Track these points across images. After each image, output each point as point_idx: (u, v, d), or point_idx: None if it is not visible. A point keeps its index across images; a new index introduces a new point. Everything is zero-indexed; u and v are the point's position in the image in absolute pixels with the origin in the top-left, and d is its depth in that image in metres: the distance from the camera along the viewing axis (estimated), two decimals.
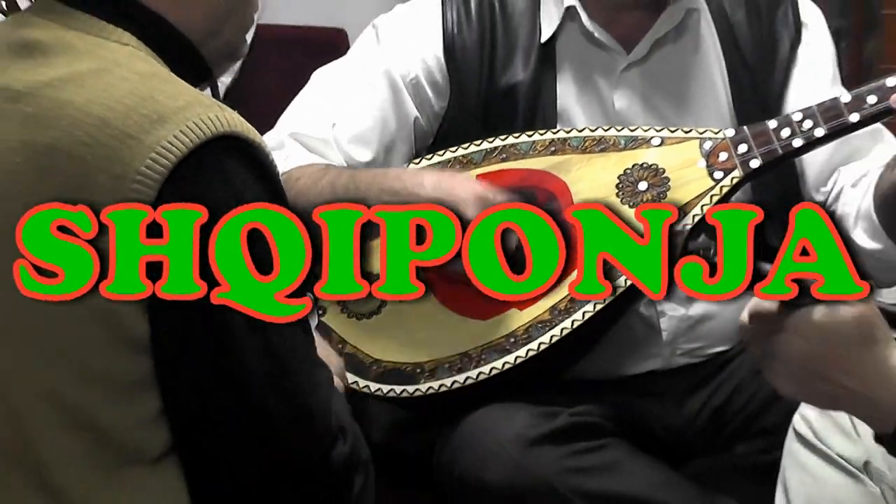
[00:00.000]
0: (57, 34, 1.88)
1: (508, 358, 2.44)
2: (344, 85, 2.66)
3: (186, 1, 1.93)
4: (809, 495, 2.18)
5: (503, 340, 2.46)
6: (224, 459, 1.88)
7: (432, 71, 2.63)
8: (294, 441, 1.88)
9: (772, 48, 2.66)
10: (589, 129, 2.58)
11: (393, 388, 2.47)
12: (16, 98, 1.83)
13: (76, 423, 1.79)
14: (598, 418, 2.50)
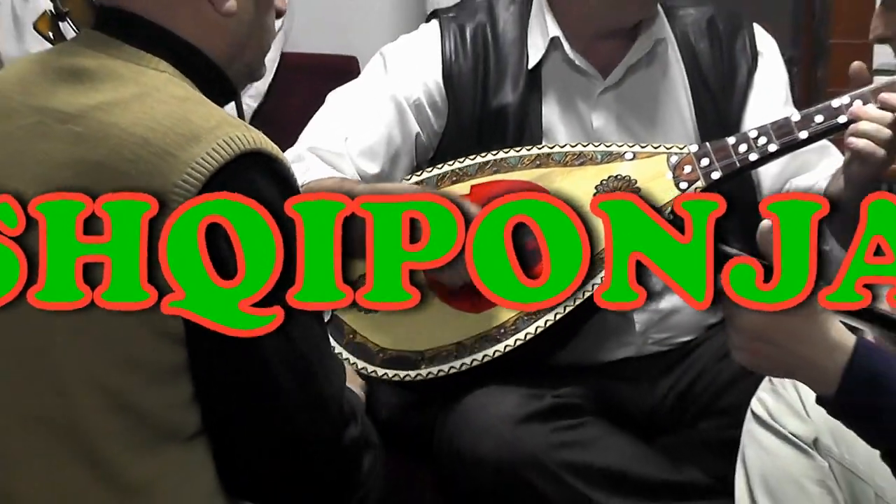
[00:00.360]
0: (103, 62, 1.87)
1: (499, 346, 2.44)
2: (355, 105, 2.66)
3: (213, 31, 1.91)
4: (765, 469, 2.18)
5: (494, 331, 2.46)
6: (246, 439, 1.86)
7: (432, 94, 2.64)
8: (309, 423, 1.85)
9: (731, 74, 2.66)
10: (570, 146, 2.58)
11: (397, 373, 2.47)
12: (65, 119, 1.82)
13: (119, 404, 1.79)
14: (579, 399, 2.51)
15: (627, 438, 2.51)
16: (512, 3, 2.69)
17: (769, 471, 2.18)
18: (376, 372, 2.47)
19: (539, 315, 2.45)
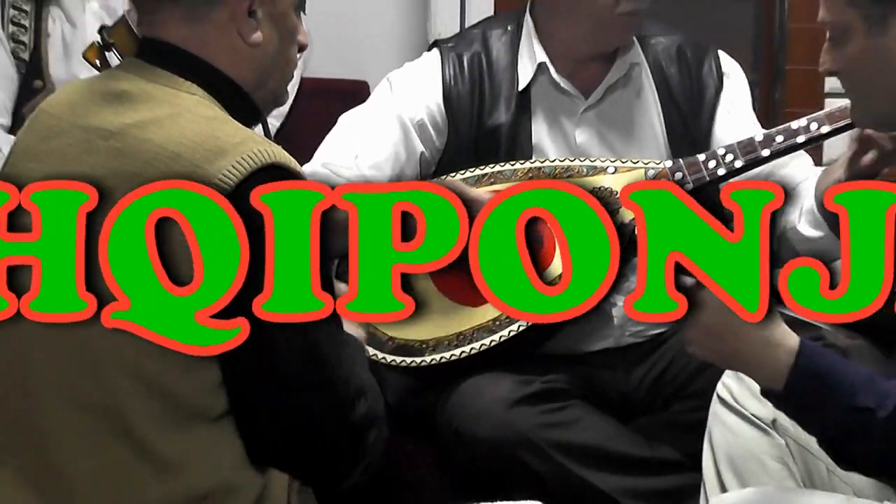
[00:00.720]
0: (140, 86, 1.87)
1: (494, 337, 2.45)
2: (364, 125, 2.66)
3: (242, 60, 1.90)
4: (729, 446, 2.18)
5: (490, 323, 2.46)
6: (264, 418, 1.85)
7: (434, 115, 2.64)
8: (319, 404, 1.84)
9: (699, 94, 2.67)
10: (558, 160, 2.59)
11: (403, 360, 2.48)
12: (108, 136, 1.82)
13: (154, 389, 1.78)
14: (564, 385, 2.52)
15: (607, 419, 2.53)
16: (504, 34, 2.69)
17: (733, 448, 2.18)
18: (385, 359, 2.47)
19: None
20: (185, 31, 1.90)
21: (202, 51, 1.90)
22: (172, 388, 1.80)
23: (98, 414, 1.81)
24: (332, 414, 1.86)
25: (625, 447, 2.50)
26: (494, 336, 2.45)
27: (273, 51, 1.94)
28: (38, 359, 1.85)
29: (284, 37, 1.95)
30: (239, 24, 1.88)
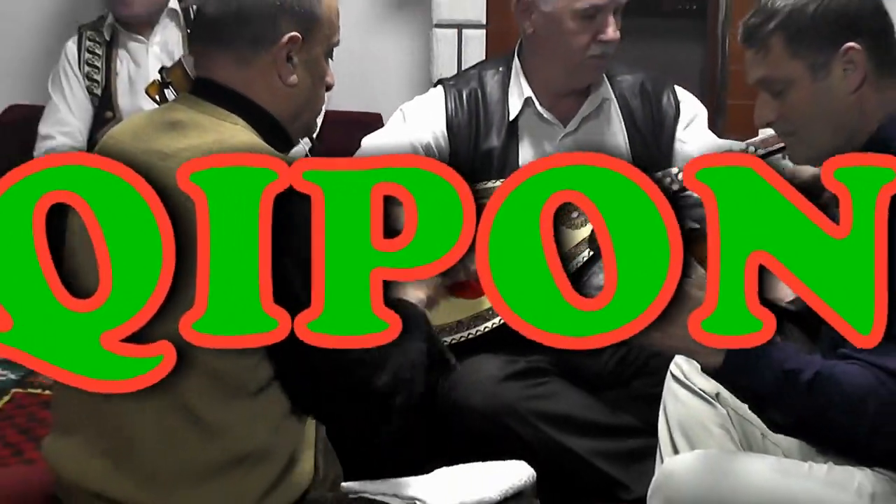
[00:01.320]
0: (192, 117, 1.87)
1: (487, 324, 2.46)
2: (382, 147, 2.65)
3: (280, 98, 1.90)
4: (680, 416, 2.19)
5: (484, 312, 2.47)
6: (301, 385, 1.85)
7: (438, 139, 2.65)
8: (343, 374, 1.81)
9: (660, 122, 2.67)
10: None
11: None
12: (164, 157, 1.81)
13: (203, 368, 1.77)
14: (545, 364, 2.53)
15: (580, 393, 2.54)
16: (496, 73, 2.69)
17: (683, 417, 2.19)
18: None
19: None
20: (233, 73, 1.90)
21: (246, 89, 1.90)
22: (218, 367, 1.79)
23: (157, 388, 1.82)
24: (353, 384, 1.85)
25: (594, 416, 2.51)
26: (487, 323, 2.46)
27: (306, 90, 1.93)
28: None
29: (316, 79, 1.95)
30: (279, 68, 1.88)
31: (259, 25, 1.88)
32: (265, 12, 1.88)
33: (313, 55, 1.93)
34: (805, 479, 1.93)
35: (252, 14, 1.89)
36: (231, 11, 1.89)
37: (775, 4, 1.96)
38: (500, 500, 2.02)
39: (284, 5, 1.88)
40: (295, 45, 1.88)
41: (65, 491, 1.93)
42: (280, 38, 1.87)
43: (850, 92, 1.95)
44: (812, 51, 1.94)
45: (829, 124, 1.98)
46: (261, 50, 1.88)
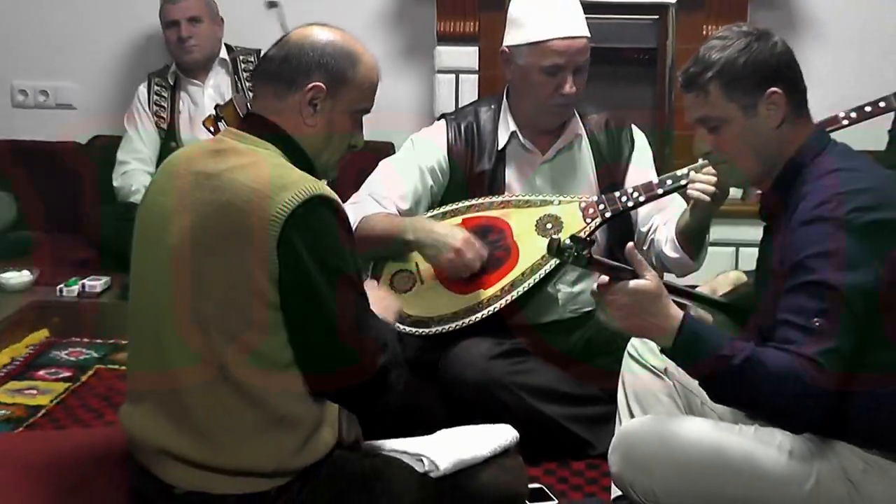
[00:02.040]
0: (233, 144, 1.88)
1: (478, 315, 2.44)
2: (395, 169, 2.64)
3: (302, 133, 1.89)
4: (635, 387, 2.19)
5: (475, 305, 2.45)
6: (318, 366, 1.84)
7: (441, 163, 2.62)
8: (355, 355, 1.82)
9: (619, 154, 2.65)
10: (521, 196, 2.58)
11: (418, 330, 2.46)
12: (209, 177, 1.82)
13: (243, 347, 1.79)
14: (525, 345, 2.51)
15: (554, 369, 2.52)
16: (488, 110, 2.67)
17: (637, 388, 2.18)
18: (406, 329, 2.45)
19: (502, 297, 2.44)
20: (272, 104, 1.91)
21: (280, 120, 1.90)
22: (255, 345, 1.80)
23: (208, 365, 1.81)
24: (362, 363, 1.84)
25: (566, 387, 2.50)
26: (478, 314, 2.43)
27: (323, 134, 1.91)
28: (166, 326, 1.85)
29: (334, 129, 1.92)
30: (302, 107, 1.88)
31: (296, 69, 1.89)
32: (303, 61, 1.88)
33: (336, 109, 1.91)
34: (736, 435, 1.95)
35: (293, 59, 1.89)
36: (281, 55, 1.91)
37: (711, 57, 1.95)
38: (490, 455, 2.02)
39: (321, 60, 1.88)
40: (319, 94, 1.88)
41: (135, 447, 1.93)
42: (308, 85, 1.87)
43: (773, 127, 1.96)
44: (743, 95, 1.94)
45: (757, 154, 1.99)
46: (294, 89, 1.88)
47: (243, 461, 1.83)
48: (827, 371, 1.78)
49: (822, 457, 1.91)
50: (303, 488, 1.86)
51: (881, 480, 1.90)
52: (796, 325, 1.81)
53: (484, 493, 2.00)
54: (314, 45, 1.90)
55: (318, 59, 1.88)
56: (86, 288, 3.27)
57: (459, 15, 3.64)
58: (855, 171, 1.94)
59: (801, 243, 1.87)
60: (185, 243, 1.83)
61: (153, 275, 1.89)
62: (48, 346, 3.14)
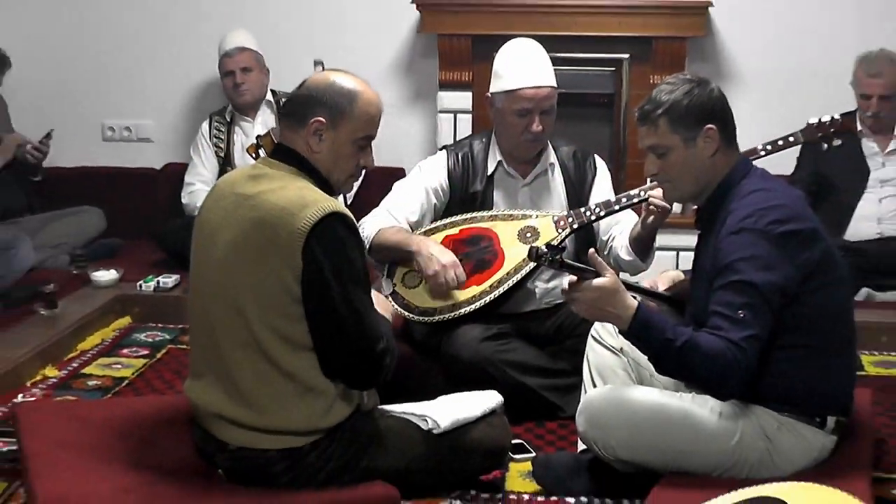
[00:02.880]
0: (267, 170, 1.88)
1: (472, 307, 2.41)
2: (406, 189, 2.60)
3: (313, 158, 1.88)
4: (597, 363, 2.17)
5: (470, 298, 2.43)
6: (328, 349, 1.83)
7: (443, 184, 2.59)
8: (357, 341, 1.82)
9: (584, 178, 2.62)
10: (506, 211, 2.56)
11: (424, 318, 2.44)
12: (248, 198, 1.83)
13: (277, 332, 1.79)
14: (509, 330, 2.48)
15: (532, 348, 2.49)
16: (480, 143, 2.63)
17: (598, 364, 2.17)
18: (413, 317, 2.44)
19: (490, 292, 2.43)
20: (290, 136, 1.91)
21: (297, 147, 1.89)
22: (286, 332, 1.80)
23: (250, 347, 1.82)
24: (363, 346, 1.84)
25: (541, 362, 2.47)
26: (472, 306, 2.41)
27: (329, 159, 1.90)
28: (218, 316, 1.85)
29: (338, 155, 1.90)
30: (309, 137, 1.87)
31: (304, 106, 1.88)
32: (308, 100, 1.88)
33: (338, 137, 1.88)
34: (677, 400, 1.95)
35: (302, 99, 1.89)
36: (293, 95, 1.92)
37: (661, 98, 1.95)
38: (480, 416, 2.02)
39: (322, 99, 1.87)
40: (321, 126, 1.87)
41: (197, 412, 1.93)
42: (311, 119, 1.87)
43: (708, 156, 1.97)
44: (685, 129, 1.95)
45: (694, 177, 1.99)
46: (303, 122, 1.87)
47: (282, 423, 1.83)
48: (748, 352, 1.81)
49: (745, 417, 1.92)
50: (330, 444, 1.86)
51: (791, 436, 1.91)
52: (725, 316, 1.83)
53: (476, 446, 2.00)
54: (318, 86, 1.89)
55: (320, 97, 1.87)
56: (160, 284, 3.26)
57: (457, 67, 3.63)
58: (771, 191, 1.95)
59: (729, 249, 1.88)
60: (228, 251, 1.84)
61: (206, 276, 1.89)
62: (130, 331, 3.14)
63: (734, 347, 1.80)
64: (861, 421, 2.07)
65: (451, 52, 3.61)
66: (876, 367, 2.82)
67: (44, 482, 1.83)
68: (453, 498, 2.02)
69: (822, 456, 1.94)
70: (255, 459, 1.84)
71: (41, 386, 2.65)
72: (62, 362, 2.81)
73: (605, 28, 3.50)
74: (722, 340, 1.81)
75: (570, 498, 2.03)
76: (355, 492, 1.85)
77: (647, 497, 1.86)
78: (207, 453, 1.93)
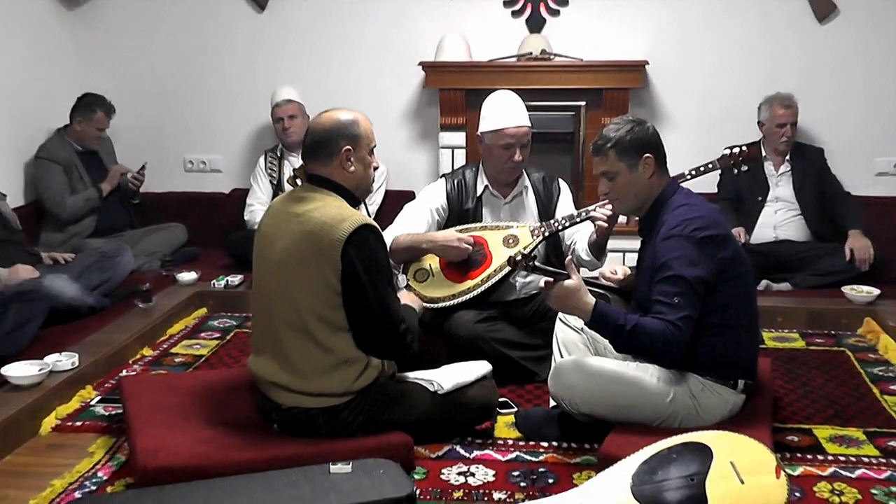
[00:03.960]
0: (307, 194, 1.87)
1: (468, 296, 2.40)
2: (414, 208, 2.58)
3: (348, 179, 1.87)
4: (564, 339, 2.16)
5: (465, 290, 2.41)
6: (362, 329, 1.82)
7: (442, 204, 2.56)
8: (385, 323, 1.82)
9: (551, 196, 2.59)
10: (493, 223, 2.54)
11: (432, 305, 2.41)
12: (297, 215, 1.82)
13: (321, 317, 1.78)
14: (497, 314, 2.46)
15: (514, 328, 2.47)
16: (472, 171, 2.61)
17: (565, 339, 2.16)
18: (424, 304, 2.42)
19: (482, 285, 2.41)
20: (322, 169, 1.89)
21: (330, 173, 1.88)
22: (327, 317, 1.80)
23: (299, 329, 1.82)
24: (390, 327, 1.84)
25: (521, 339, 2.45)
26: (468, 296, 2.40)
27: (361, 173, 1.90)
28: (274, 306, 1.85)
29: (365, 166, 1.91)
30: (343, 164, 1.86)
31: (330, 145, 1.86)
32: (331, 137, 1.86)
33: (360, 154, 1.89)
34: (625, 367, 1.94)
35: (324, 141, 1.87)
36: (315, 141, 1.88)
37: (610, 135, 1.95)
38: (474, 380, 2.02)
39: (341, 132, 1.86)
40: (350, 152, 1.86)
41: (257, 380, 1.93)
42: (341, 150, 1.85)
43: (647, 179, 1.96)
44: (629, 158, 1.94)
45: (636, 195, 1.99)
46: (333, 156, 1.86)
47: (322, 387, 1.83)
48: (683, 329, 1.81)
49: (677, 381, 1.91)
50: (359, 403, 1.86)
51: (712, 395, 1.91)
52: (664, 303, 1.83)
53: (471, 403, 2.01)
54: (330, 127, 1.87)
55: (339, 132, 1.86)
56: (228, 282, 3.25)
57: (454, 113, 3.62)
58: (693, 206, 1.95)
59: (664, 251, 1.87)
60: (283, 256, 1.83)
61: (265, 275, 1.88)
62: (206, 319, 3.12)
63: (672, 326, 1.79)
64: (763, 383, 2.08)
65: (449, 102, 3.60)
66: (774, 341, 2.81)
67: (142, 437, 1.84)
68: (454, 443, 2.01)
69: (735, 410, 1.94)
70: (301, 416, 1.84)
71: (140, 363, 2.64)
72: (155, 344, 2.80)
73: (566, 83, 3.50)
74: (662, 322, 1.80)
75: (544, 442, 2.03)
76: (379, 439, 1.86)
77: (603, 441, 1.86)
78: (265, 412, 1.93)
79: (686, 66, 3.61)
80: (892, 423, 2.12)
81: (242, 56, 3.81)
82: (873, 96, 3.50)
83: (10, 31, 3.34)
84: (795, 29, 3.51)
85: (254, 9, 3.77)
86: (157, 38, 3.82)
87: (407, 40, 3.66)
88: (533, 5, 3.61)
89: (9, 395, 2.10)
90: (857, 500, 1.74)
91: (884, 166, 3.54)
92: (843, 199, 3.27)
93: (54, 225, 3.34)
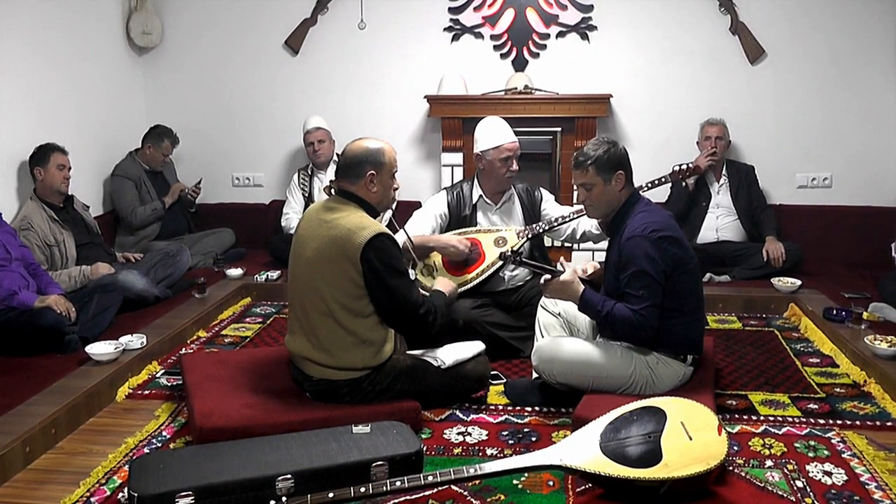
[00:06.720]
0: (337, 205, 1.85)
1: (465, 287, 2.38)
2: (421, 216, 2.55)
3: (371, 197, 1.85)
4: (544, 321, 2.14)
5: (464, 282, 2.39)
6: (387, 314, 1.81)
7: (444, 211, 2.54)
8: (406, 304, 1.80)
9: (534, 203, 2.56)
10: (485, 227, 2.51)
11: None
12: (327, 222, 1.80)
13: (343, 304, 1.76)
14: (489, 301, 2.44)
15: (503, 313, 2.45)
16: (468, 184, 2.59)
17: (545, 322, 2.14)
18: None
19: (477, 278, 2.40)
20: (350, 186, 1.87)
21: (356, 191, 1.86)
22: (349, 305, 1.78)
23: (326, 315, 1.80)
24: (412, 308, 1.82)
25: (510, 322, 2.43)
26: (465, 287, 2.38)
27: (382, 193, 1.88)
28: (306, 296, 1.83)
29: (386, 188, 1.89)
30: (367, 185, 1.85)
31: (357, 169, 1.84)
32: (359, 162, 1.84)
33: (383, 178, 1.88)
34: (594, 345, 1.93)
35: (354, 164, 1.84)
36: (346, 163, 1.86)
37: (589, 152, 1.94)
38: (471, 357, 2.01)
39: (367, 159, 1.85)
40: (374, 176, 1.85)
41: (293, 356, 1.92)
42: (366, 174, 1.84)
43: (618, 191, 1.95)
44: (605, 173, 1.93)
45: (608, 203, 1.97)
46: (360, 178, 1.85)
47: (347, 362, 1.82)
48: (647, 316, 1.81)
49: (637, 356, 1.90)
50: (377, 376, 1.85)
51: (666, 367, 1.90)
52: (631, 295, 1.83)
53: (468, 376, 2.00)
54: (360, 153, 1.85)
55: (366, 159, 1.84)
56: (269, 277, 3.25)
57: (453, 137, 3.62)
58: (651, 213, 1.93)
59: (627, 250, 1.87)
60: (314, 255, 1.82)
61: (299, 271, 1.87)
62: (250, 307, 3.11)
63: (637, 315, 1.80)
64: (707, 357, 2.08)
65: (449, 128, 3.60)
66: (716, 323, 2.82)
67: (198, 402, 1.84)
68: (454, 409, 2.00)
69: (685, 380, 1.93)
70: (329, 386, 1.83)
71: (196, 342, 2.63)
72: (209, 327, 2.79)
73: (545, 112, 3.50)
74: (629, 310, 1.81)
75: (528, 407, 2.02)
76: (393, 405, 1.85)
77: (576, 406, 1.85)
78: (299, 383, 1.92)
79: (643, 98, 3.63)
80: (811, 389, 2.14)
81: (280, 91, 3.81)
82: (795, 123, 3.56)
83: (91, 74, 3.41)
84: (732, 69, 3.55)
85: (289, 53, 3.78)
86: (210, 77, 3.83)
87: (414, 78, 3.68)
88: (518, 49, 3.62)
89: (91, 369, 2.13)
90: (782, 451, 1.76)
91: (803, 181, 3.60)
92: (763, 209, 3.32)
93: (127, 230, 3.37)
